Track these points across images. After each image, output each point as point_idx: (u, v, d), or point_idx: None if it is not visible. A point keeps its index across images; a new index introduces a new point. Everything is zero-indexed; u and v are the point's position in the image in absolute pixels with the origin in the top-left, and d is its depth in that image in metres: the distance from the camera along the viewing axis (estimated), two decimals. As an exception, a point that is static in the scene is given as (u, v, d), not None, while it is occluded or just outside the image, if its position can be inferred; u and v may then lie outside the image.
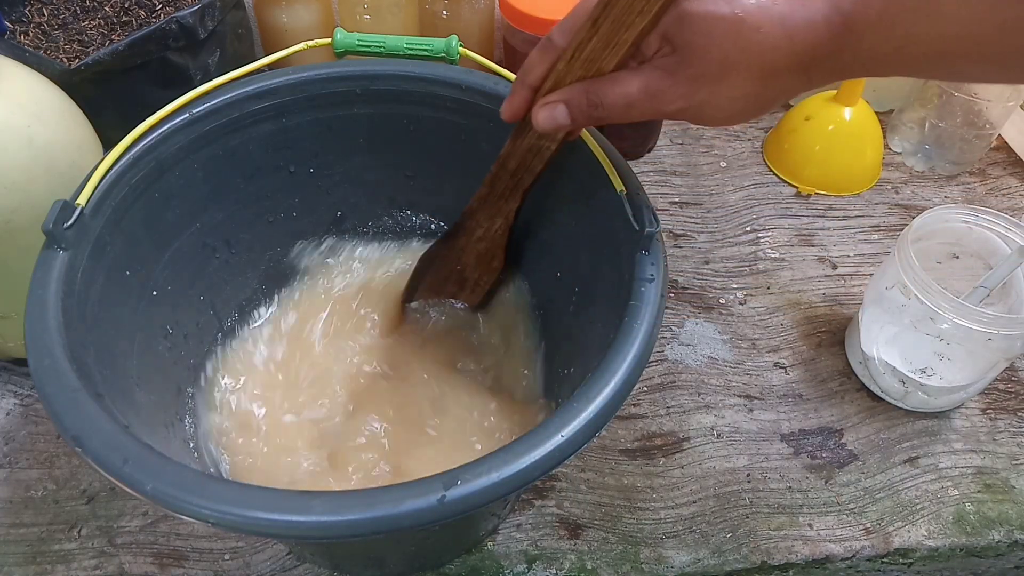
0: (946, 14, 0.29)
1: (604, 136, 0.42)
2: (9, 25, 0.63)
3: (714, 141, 0.73)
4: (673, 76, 0.32)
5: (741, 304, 0.59)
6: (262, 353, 0.50)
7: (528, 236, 0.50)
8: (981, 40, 0.29)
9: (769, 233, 0.64)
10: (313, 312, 0.52)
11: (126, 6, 0.66)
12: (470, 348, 0.51)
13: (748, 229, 0.65)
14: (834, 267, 0.62)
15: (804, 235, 0.65)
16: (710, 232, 0.64)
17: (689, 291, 0.60)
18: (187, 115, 0.42)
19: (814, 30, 0.30)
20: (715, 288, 0.60)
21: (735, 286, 0.61)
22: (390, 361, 0.50)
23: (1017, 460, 0.51)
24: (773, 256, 0.63)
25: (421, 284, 0.52)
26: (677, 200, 0.67)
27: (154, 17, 0.65)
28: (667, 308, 0.56)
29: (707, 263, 0.62)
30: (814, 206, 0.67)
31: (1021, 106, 0.70)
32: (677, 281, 0.61)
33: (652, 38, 0.33)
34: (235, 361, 0.49)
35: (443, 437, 0.46)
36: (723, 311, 0.59)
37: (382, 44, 0.46)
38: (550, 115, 0.36)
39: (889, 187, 0.69)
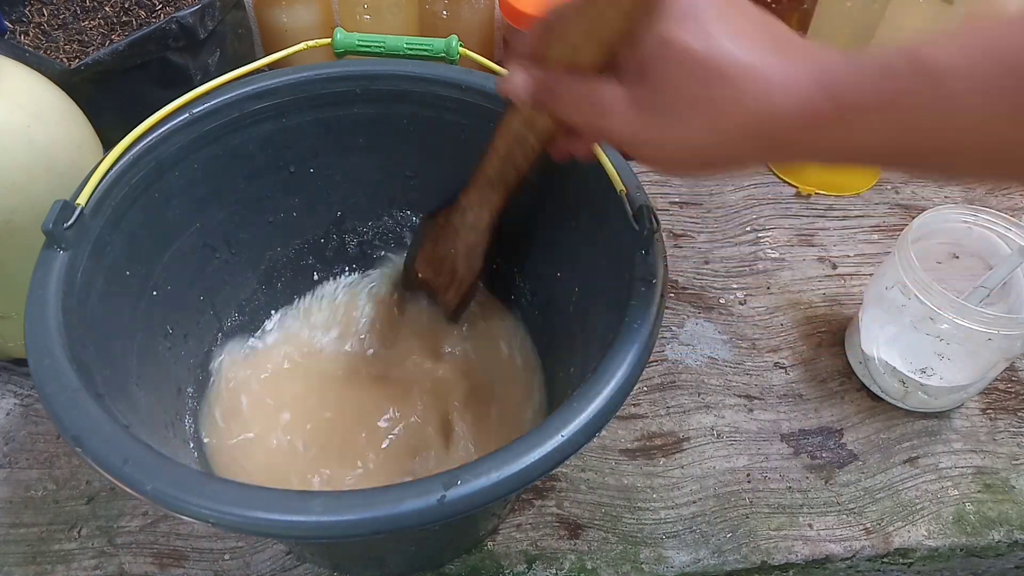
0: (960, 106, 0.24)
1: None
2: (9, 25, 0.63)
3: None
4: (626, 98, 0.30)
5: (741, 304, 0.59)
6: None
7: (529, 236, 0.50)
8: (1000, 137, 0.25)
9: (769, 233, 0.64)
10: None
11: (126, 6, 0.66)
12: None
13: (748, 229, 0.65)
14: (834, 267, 0.62)
15: (804, 235, 0.65)
16: (710, 232, 0.64)
17: (689, 291, 0.60)
18: (187, 115, 0.42)
19: (792, 101, 0.26)
20: (715, 288, 0.60)
21: (735, 286, 0.61)
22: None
23: (1017, 460, 0.51)
24: (773, 256, 0.63)
25: (421, 251, 0.51)
26: (677, 200, 0.67)
27: (154, 17, 0.65)
28: (667, 308, 0.56)
29: (707, 263, 0.62)
30: (814, 206, 0.67)
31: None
32: (677, 281, 0.61)
33: (630, 58, 0.30)
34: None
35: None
36: (723, 311, 0.59)
37: (382, 44, 0.46)
38: (509, 79, 0.34)
39: (889, 187, 0.69)
